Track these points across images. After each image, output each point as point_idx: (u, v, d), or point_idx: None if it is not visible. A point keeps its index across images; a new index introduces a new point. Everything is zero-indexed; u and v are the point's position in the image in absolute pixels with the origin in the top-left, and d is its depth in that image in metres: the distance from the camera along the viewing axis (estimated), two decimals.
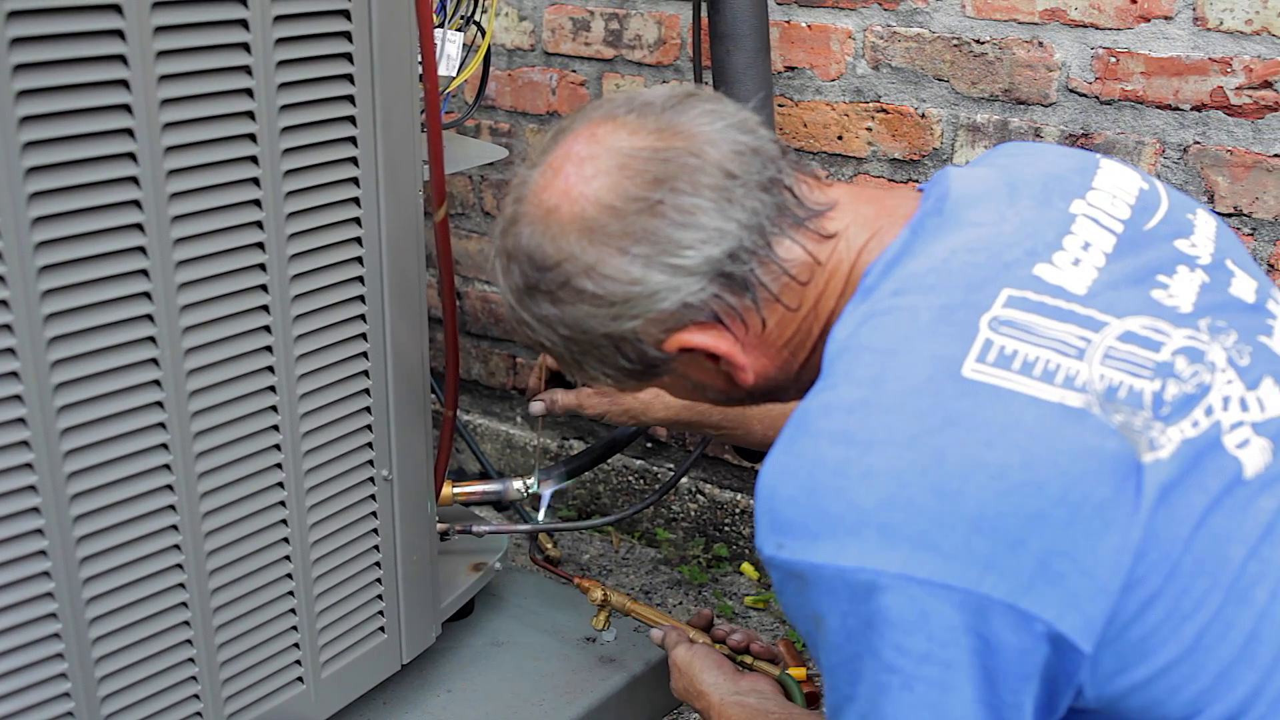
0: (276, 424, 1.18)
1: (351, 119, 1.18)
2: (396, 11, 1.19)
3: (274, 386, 1.17)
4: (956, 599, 0.80)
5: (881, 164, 2.03)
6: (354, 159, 1.19)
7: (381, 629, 1.39)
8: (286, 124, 1.11)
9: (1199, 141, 1.76)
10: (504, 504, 1.75)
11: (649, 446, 2.45)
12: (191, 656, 1.17)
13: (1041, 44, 1.85)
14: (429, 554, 1.43)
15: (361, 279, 1.24)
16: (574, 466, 1.66)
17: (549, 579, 1.77)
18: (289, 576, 1.24)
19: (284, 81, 1.10)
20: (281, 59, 1.09)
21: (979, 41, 1.89)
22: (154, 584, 1.12)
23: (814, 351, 0.99)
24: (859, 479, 0.83)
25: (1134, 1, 1.76)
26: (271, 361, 1.16)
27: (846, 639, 0.84)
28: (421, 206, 1.30)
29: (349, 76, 1.16)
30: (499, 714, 1.47)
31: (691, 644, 1.32)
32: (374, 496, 1.33)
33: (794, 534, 0.85)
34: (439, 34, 1.40)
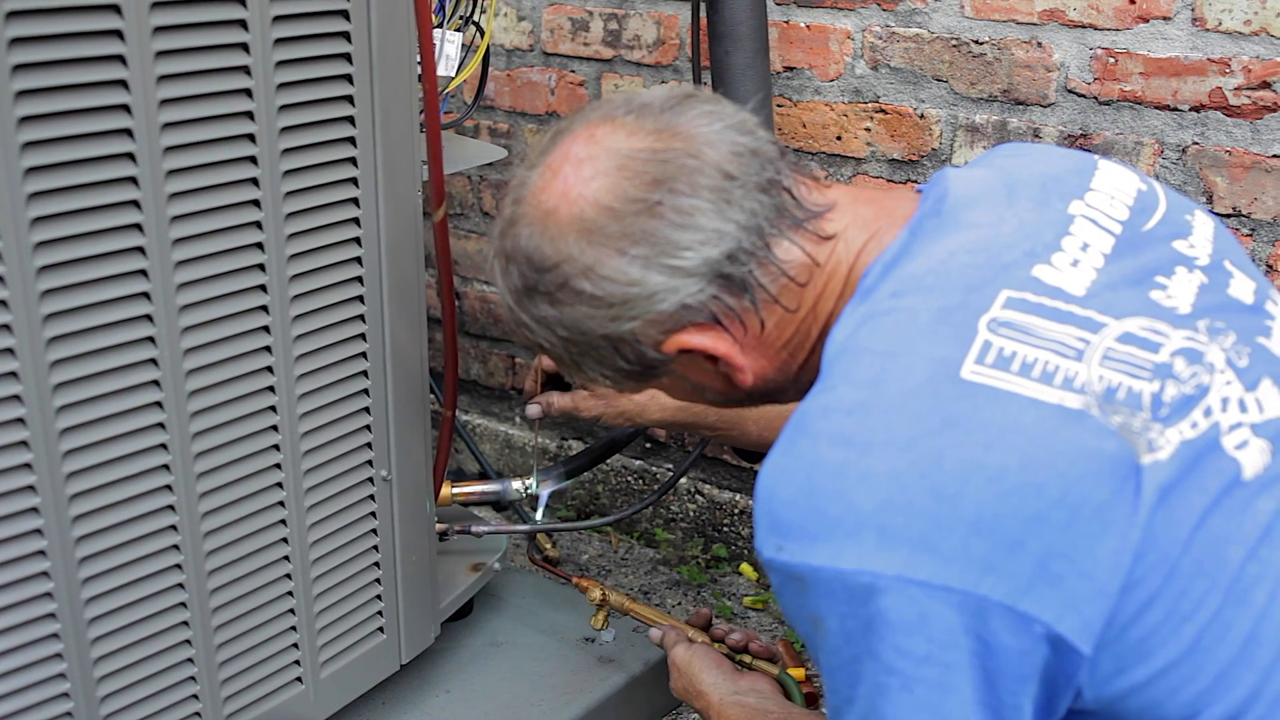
0: (275, 424, 1.18)
1: (350, 119, 1.18)
2: (395, 12, 1.19)
3: (273, 387, 1.17)
4: (955, 601, 0.80)
5: (880, 164, 2.03)
6: (353, 159, 1.19)
7: (380, 629, 1.39)
8: (285, 124, 1.11)
9: (1197, 142, 1.76)
10: (503, 504, 1.76)
11: (648, 447, 2.45)
12: (190, 656, 1.17)
13: (1040, 44, 1.85)
14: (428, 554, 1.43)
15: (360, 279, 1.24)
16: (573, 467, 1.66)
17: (548, 579, 1.77)
18: (288, 577, 1.24)
19: (283, 82, 1.10)
20: (280, 59, 1.09)
21: (978, 42, 1.90)
22: (153, 584, 1.12)
23: (813, 353, 0.99)
24: (858, 481, 0.83)
25: (1132, 2, 1.76)
26: (270, 362, 1.16)
27: (846, 641, 0.84)
28: (420, 207, 1.30)
29: (348, 77, 1.16)
30: (498, 714, 1.47)
31: (690, 643, 1.32)
32: (373, 497, 1.33)
33: (793, 536, 0.85)
34: (438, 34, 1.40)
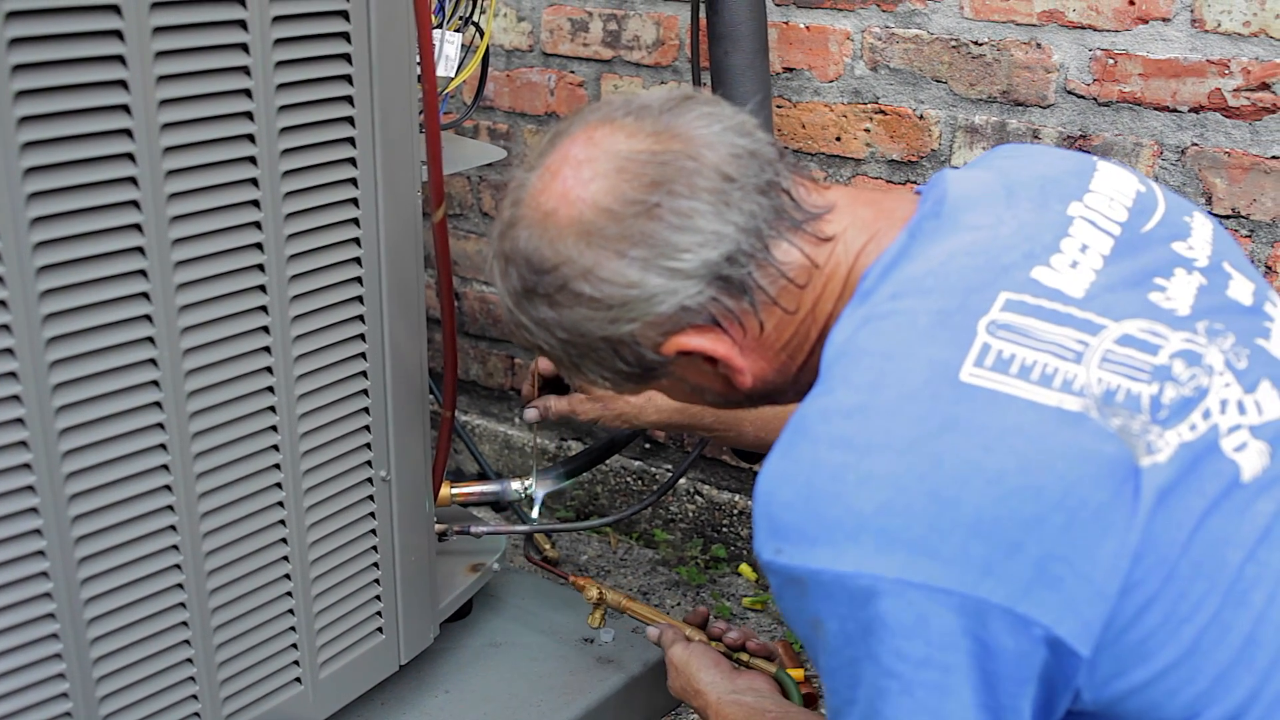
0: (275, 424, 1.18)
1: (350, 120, 1.18)
2: (395, 12, 1.19)
3: (272, 387, 1.17)
4: (955, 603, 0.80)
5: (880, 165, 2.03)
6: (352, 160, 1.19)
7: (380, 630, 1.39)
8: (285, 125, 1.11)
9: (1197, 143, 1.77)
10: (502, 505, 1.76)
11: (647, 448, 2.45)
12: (190, 657, 1.17)
13: (1039, 45, 1.85)
14: (427, 555, 1.43)
15: (360, 280, 1.24)
16: (572, 467, 1.66)
17: (547, 579, 1.77)
18: (287, 577, 1.24)
19: (282, 82, 1.10)
20: (280, 60, 1.09)
21: (977, 43, 1.90)
22: (152, 584, 1.12)
23: (812, 354, 0.99)
24: (857, 484, 0.83)
25: (1132, 3, 1.76)
26: (270, 362, 1.16)
27: (845, 643, 0.84)
28: (420, 207, 1.30)
29: (348, 77, 1.16)
30: (497, 715, 1.47)
31: (688, 642, 1.32)
32: (372, 497, 1.33)
33: (792, 539, 0.85)
34: (437, 35, 1.40)
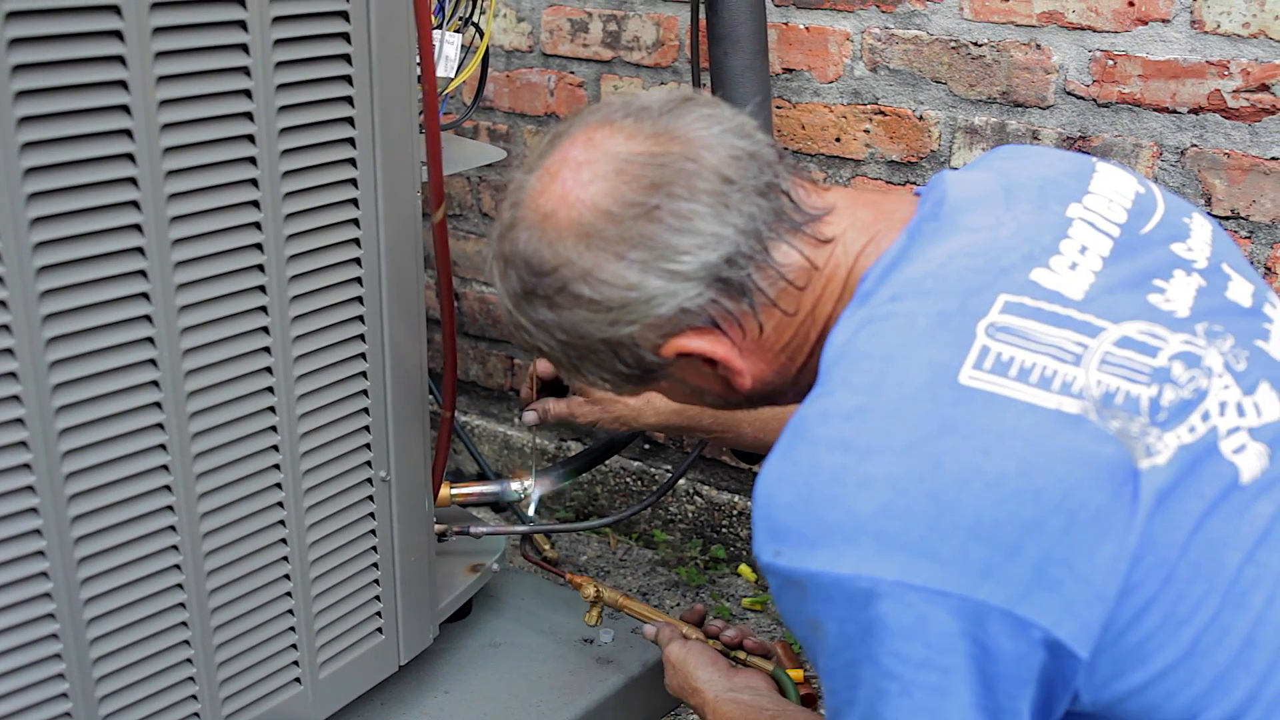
0: (275, 425, 1.18)
1: (350, 120, 1.18)
2: (395, 13, 1.19)
3: (272, 388, 1.17)
4: (954, 606, 0.81)
5: (879, 166, 2.03)
6: (352, 160, 1.19)
7: (379, 630, 1.39)
8: (285, 125, 1.11)
9: (1196, 144, 1.77)
10: (502, 505, 1.76)
11: (647, 448, 2.45)
12: (189, 657, 1.17)
13: (1039, 46, 1.85)
14: (427, 555, 1.43)
15: (360, 280, 1.24)
16: (572, 468, 1.66)
17: (546, 579, 1.77)
18: (287, 577, 1.24)
19: (282, 83, 1.10)
20: (280, 60, 1.09)
21: (976, 44, 1.90)
22: (152, 585, 1.12)
23: (811, 356, 0.99)
24: (856, 486, 0.83)
25: (1131, 4, 1.76)
26: (270, 363, 1.16)
27: (845, 645, 0.84)
28: (420, 208, 1.30)
29: (347, 78, 1.16)
30: (496, 715, 1.47)
31: (685, 640, 1.32)
32: (372, 498, 1.33)
33: (791, 541, 0.85)
34: (437, 35, 1.40)
